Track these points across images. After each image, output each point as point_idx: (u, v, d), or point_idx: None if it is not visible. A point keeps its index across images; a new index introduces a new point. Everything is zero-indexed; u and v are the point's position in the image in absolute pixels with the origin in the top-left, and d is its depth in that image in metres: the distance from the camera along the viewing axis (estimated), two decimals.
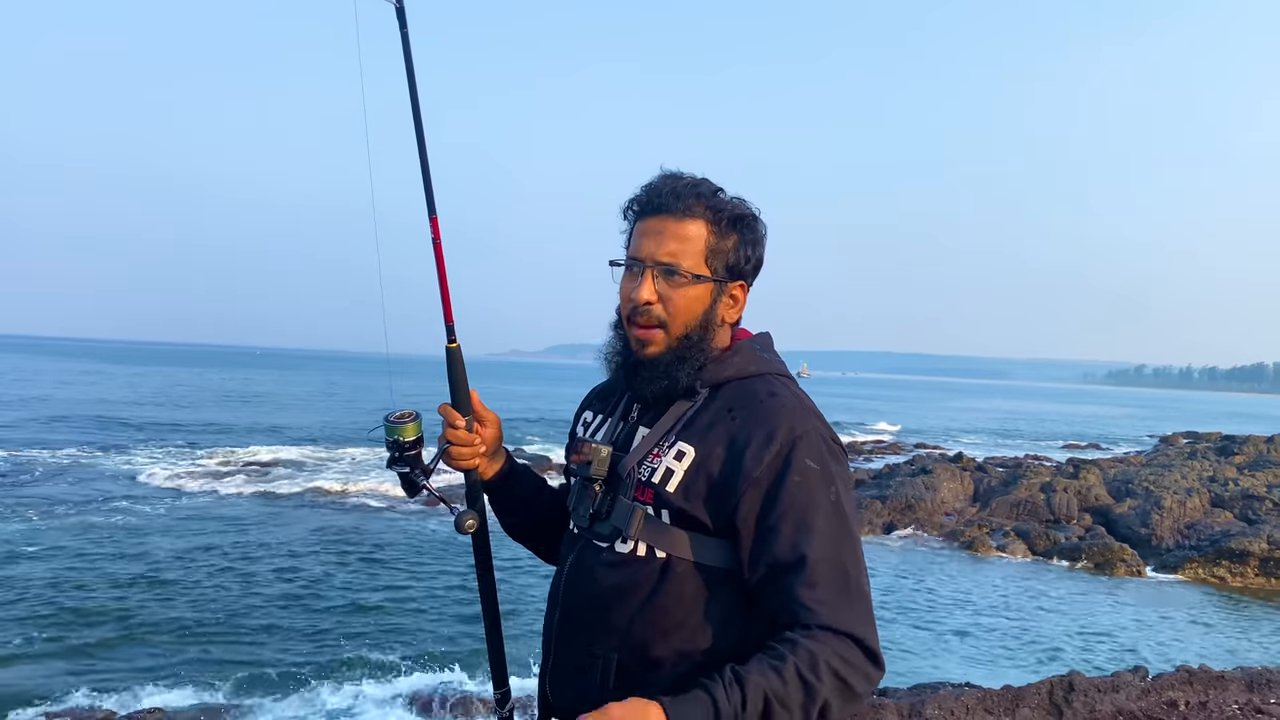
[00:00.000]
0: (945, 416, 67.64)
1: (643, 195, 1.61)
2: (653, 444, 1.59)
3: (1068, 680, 4.98)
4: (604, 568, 1.58)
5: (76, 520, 14.31)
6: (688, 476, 1.52)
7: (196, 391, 53.33)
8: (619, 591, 1.55)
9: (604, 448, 1.62)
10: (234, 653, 8.72)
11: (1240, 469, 21.54)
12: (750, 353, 1.63)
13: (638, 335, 1.59)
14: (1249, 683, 5.22)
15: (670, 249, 1.56)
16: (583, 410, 1.86)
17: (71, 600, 10.04)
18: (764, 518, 1.46)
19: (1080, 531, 17.13)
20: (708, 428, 1.55)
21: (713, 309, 1.60)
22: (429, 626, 9.84)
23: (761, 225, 1.64)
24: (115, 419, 32.51)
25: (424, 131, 1.79)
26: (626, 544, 1.56)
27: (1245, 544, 15.27)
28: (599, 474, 1.61)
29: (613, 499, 1.60)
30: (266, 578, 11.59)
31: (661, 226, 1.57)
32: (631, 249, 1.61)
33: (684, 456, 1.53)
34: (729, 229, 1.59)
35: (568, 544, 1.72)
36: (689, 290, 1.57)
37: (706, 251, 1.57)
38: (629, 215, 1.64)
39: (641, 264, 1.58)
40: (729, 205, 1.60)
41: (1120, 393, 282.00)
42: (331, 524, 15.51)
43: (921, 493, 18.85)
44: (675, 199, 1.56)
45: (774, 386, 1.58)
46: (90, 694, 7.41)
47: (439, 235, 1.79)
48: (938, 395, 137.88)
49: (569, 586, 1.65)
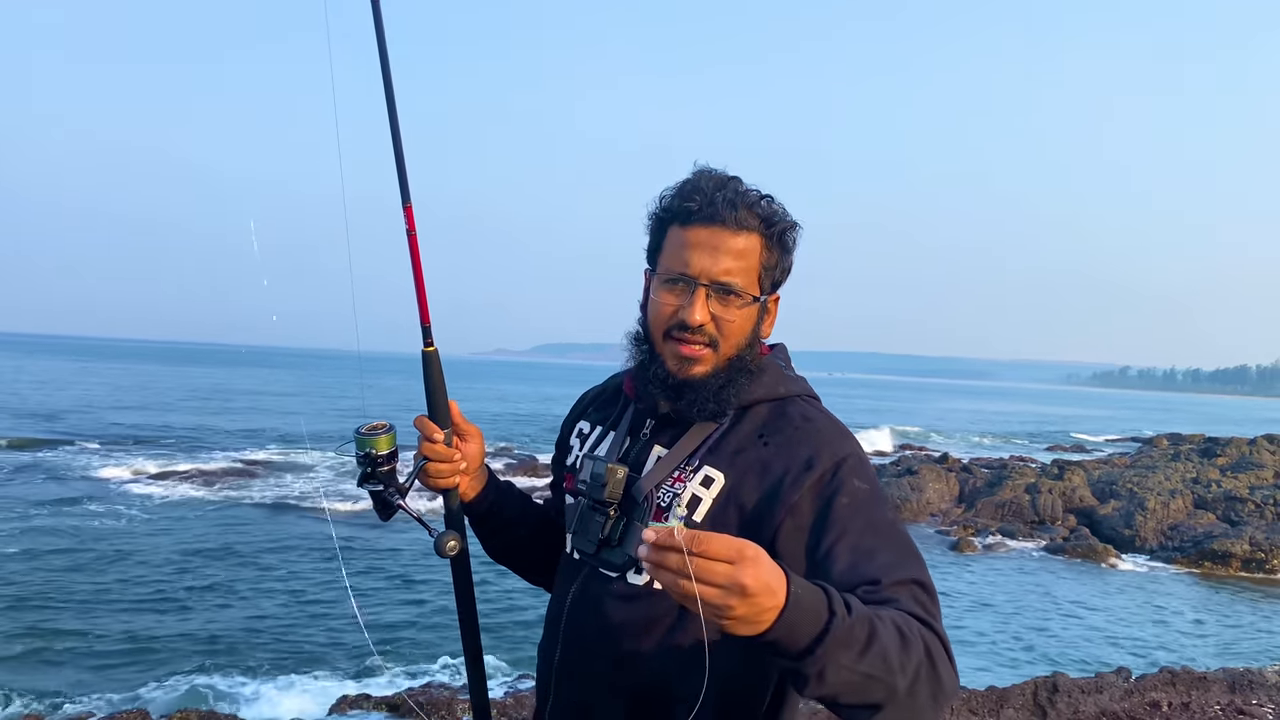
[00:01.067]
0: (932, 417, 67.90)
1: (690, 199, 1.44)
2: (673, 467, 1.46)
3: (1051, 681, 5.01)
4: (615, 600, 1.46)
5: (19, 525, 14.04)
6: (716, 506, 1.40)
7: (171, 390, 52.94)
8: (633, 627, 1.43)
9: (620, 468, 1.46)
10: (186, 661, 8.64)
11: (1223, 471, 21.70)
12: (778, 372, 1.52)
13: (682, 352, 1.44)
14: (1230, 684, 5.26)
15: (726, 266, 1.42)
16: (577, 418, 1.72)
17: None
18: (816, 545, 1.33)
19: (1065, 532, 17.24)
20: (736, 453, 1.44)
21: (758, 326, 1.49)
22: (420, 637, 9.81)
23: (800, 231, 1.50)
24: (79, 416, 32.30)
25: (397, 112, 1.59)
26: (642, 575, 1.43)
27: (1228, 545, 15.41)
28: (614, 497, 1.45)
29: (626, 525, 1.46)
30: (195, 583, 11.42)
31: (715, 240, 1.42)
32: (675, 261, 1.44)
33: (712, 484, 1.42)
34: (779, 242, 1.47)
35: (567, 571, 1.58)
36: (744, 311, 1.45)
37: (760, 269, 1.45)
38: (663, 216, 1.48)
39: (694, 281, 1.42)
40: (779, 216, 1.46)
41: (1104, 394, 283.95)
42: (291, 531, 15.43)
43: (907, 493, 18.92)
44: (730, 209, 1.41)
45: (807, 410, 1.48)
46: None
47: (414, 226, 1.62)
48: (924, 396, 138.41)
49: (572, 620, 1.52)
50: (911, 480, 19.63)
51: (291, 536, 14.21)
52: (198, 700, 7.41)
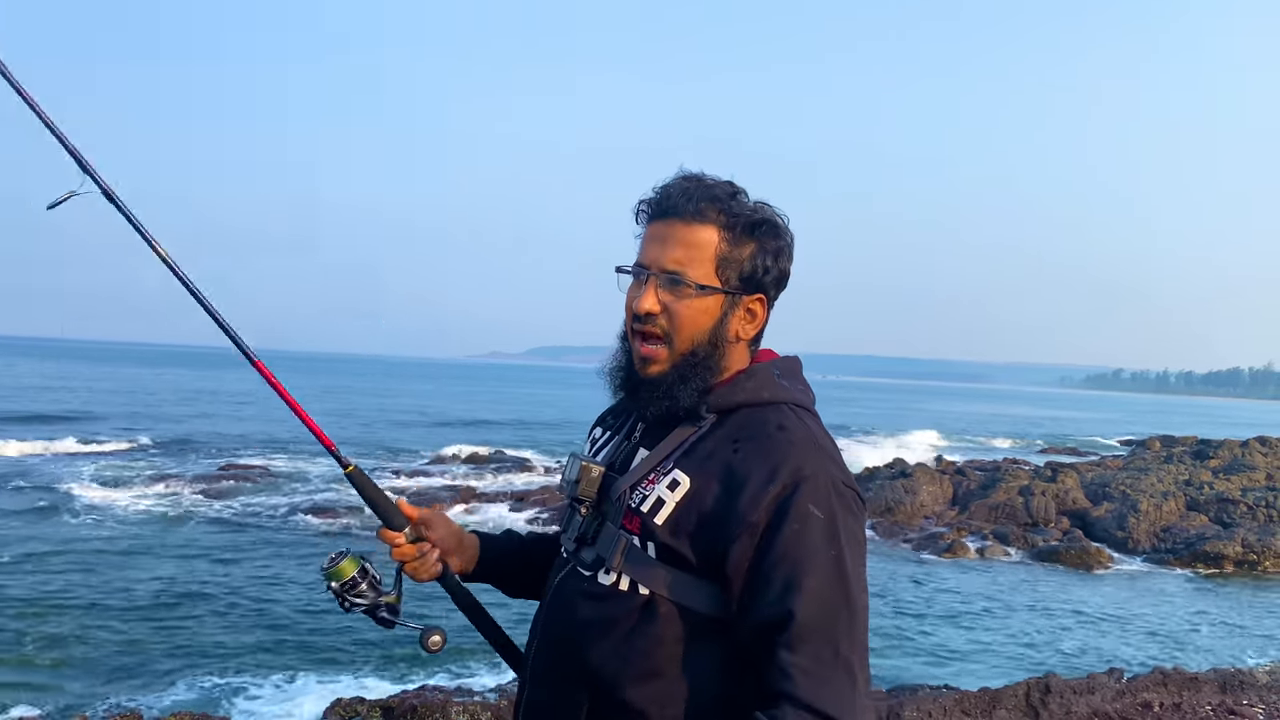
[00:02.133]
0: (926, 419, 68.05)
1: (653, 196, 1.48)
2: (649, 469, 1.46)
3: (1044, 682, 5.03)
4: (583, 599, 1.46)
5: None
6: (678, 510, 1.38)
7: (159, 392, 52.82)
8: (595, 627, 1.42)
9: (596, 466, 1.50)
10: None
11: (1215, 473, 21.78)
12: (766, 377, 1.48)
13: (642, 352, 1.46)
14: (1222, 684, 5.29)
15: (676, 256, 1.43)
16: (595, 426, 1.74)
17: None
18: (755, 568, 1.31)
19: (1058, 535, 17.28)
20: (707, 457, 1.41)
21: (723, 324, 1.46)
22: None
23: (787, 234, 1.49)
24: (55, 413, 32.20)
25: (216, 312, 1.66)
26: (609, 575, 1.43)
27: (1220, 547, 15.47)
28: (586, 495, 1.50)
29: (599, 524, 1.48)
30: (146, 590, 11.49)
31: (669, 231, 1.44)
32: (638, 255, 1.49)
33: (678, 487, 1.39)
34: (744, 236, 1.45)
35: (555, 568, 1.60)
36: (695, 302, 1.43)
37: (717, 260, 1.43)
38: (640, 218, 1.51)
39: (646, 271, 1.45)
40: (746, 210, 1.46)
41: (1098, 397, 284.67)
42: (283, 537, 15.41)
43: (901, 496, 18.95)
44: (686, 200, 1.43)
45: (785, 419, 1.42)
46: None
47: (270, 375, 1.65)
48: (918, 398, 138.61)
49: (548, 615, 1.55)
50: (905, 483, 19.66)
51: (286, 540, 14.19)
52: (193, 704, 7.41)
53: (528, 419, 44.77)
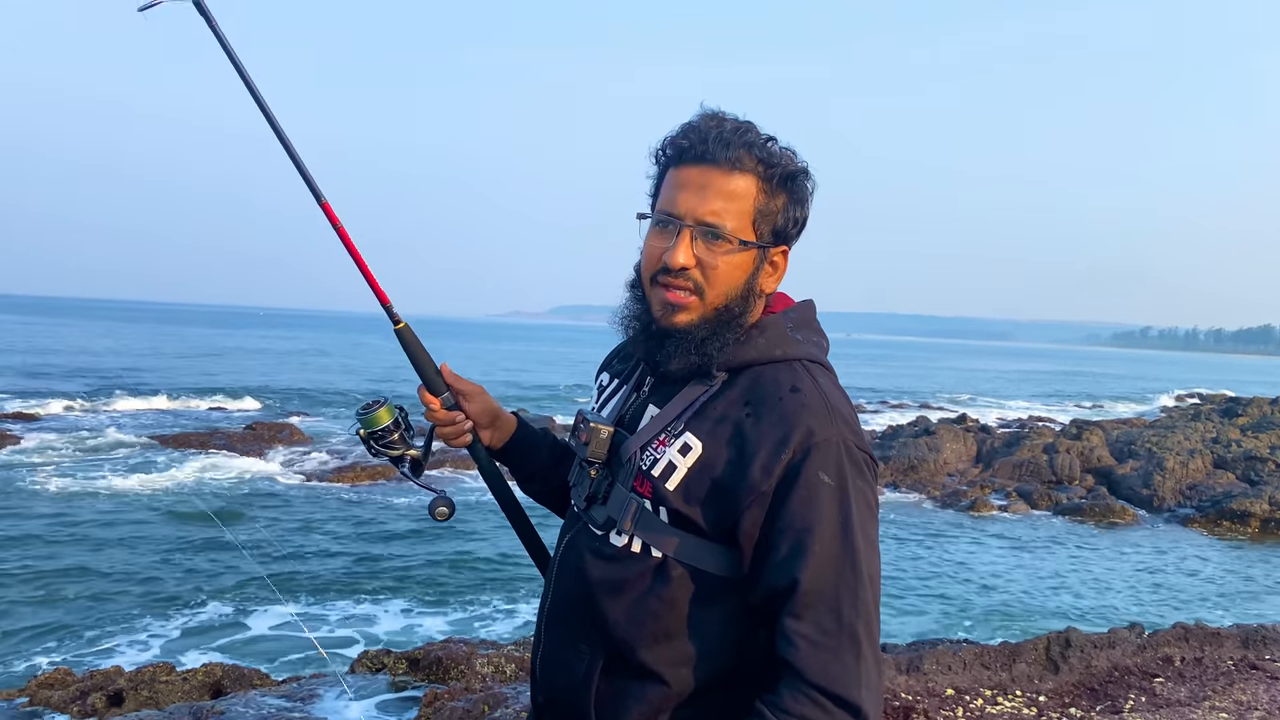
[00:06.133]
0: (949, 378, 67.67)
1: (682, 138, 1.38)
2: (659, 429, 1.41)
3: (1064, 636, 5.04)
4: (595, 558, 1.44)
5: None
6: (689, 476, 1.35)
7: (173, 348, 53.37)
8: (608, 587, 1.41)
9: (605, 428, 1.47)
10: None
11: (1244, 430, 21.58)
12: (780, 331, 1.42)
13: (668, 298, 1.38)
14: (1244, 639, 5.28)
15: (714, 207, 1.34)
16: (601, 371, 1.71)
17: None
18: (765, 535, 1.29)
19: (1082, 492, 17.22)
20: (719, 420, 1.36)
21: (754, 278, 1.40)
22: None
23: (811, 181, 1.42)
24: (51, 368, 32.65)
25: (274, 117, 1.63)
26: (621, 537, 1.41)
27: (1247, 504, 15.35)
28: (596, 456, 1.46)
29: (610, 484, 1.45)
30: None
31: (705, 179, 1.35)
32: (664, 201, 1.39)
33: (689, 451, 1.36)
34: (779, 187, 1.38)
35: (568, 522, 1.59)
36: (733, 257, 1.36)
37: (755, 213, 1.36)
38: (661, 159, 1.42)
39: (679, 222, 1.35)
40: (782, 159, 1.38)
41: (1125, 354, 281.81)
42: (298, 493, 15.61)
43: (925, 454, 18.92)
44: (723, 147, 1.34)
45: (799, 379, 1.36)
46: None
47: (336, 219, 1.66)
48: (942, 356, 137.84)
49: (561, 570, 1.53)
50: (929, 440, 19.62)
51: (302, 497, 14.42)
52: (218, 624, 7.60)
53: (549, 378, 44.91)
